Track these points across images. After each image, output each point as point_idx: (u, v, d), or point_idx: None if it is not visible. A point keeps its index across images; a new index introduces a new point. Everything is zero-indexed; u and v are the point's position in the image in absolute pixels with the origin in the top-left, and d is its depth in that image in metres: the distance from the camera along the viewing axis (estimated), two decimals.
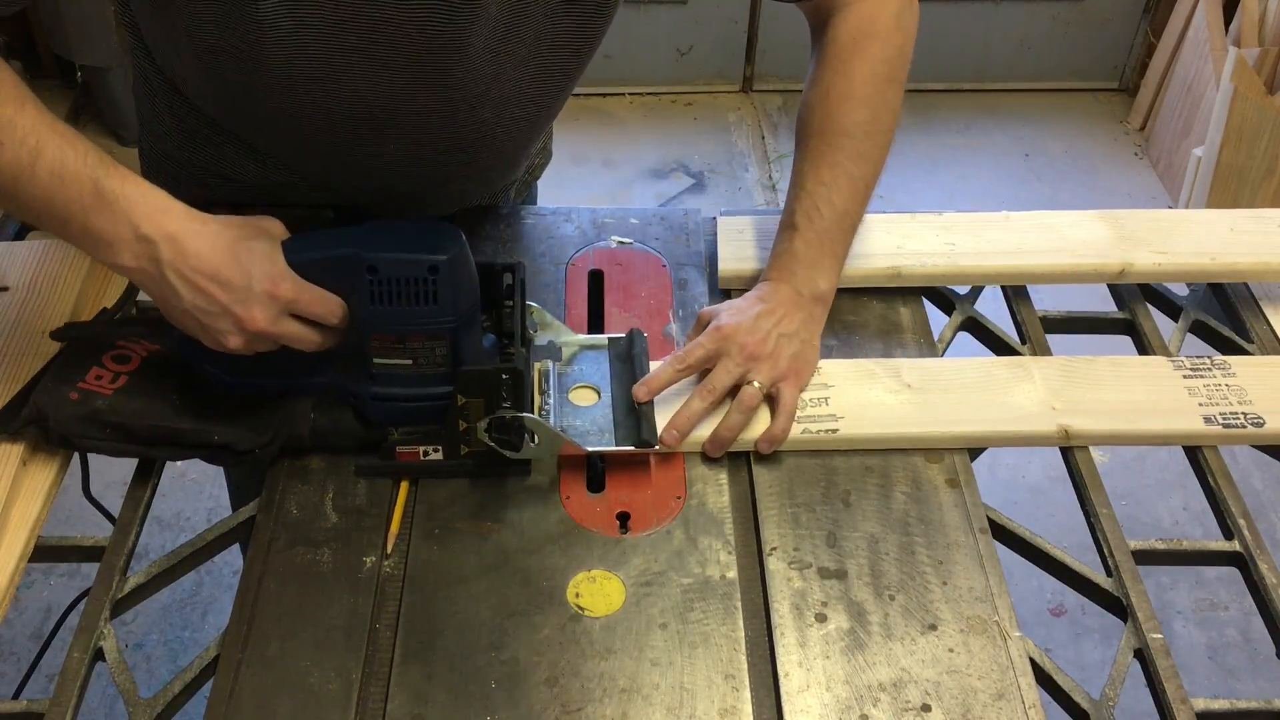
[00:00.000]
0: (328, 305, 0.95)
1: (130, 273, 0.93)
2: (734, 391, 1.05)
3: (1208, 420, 1.08)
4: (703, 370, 1.07)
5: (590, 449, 1.02)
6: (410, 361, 0.98)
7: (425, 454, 1.02)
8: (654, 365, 1.09)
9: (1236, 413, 1.09)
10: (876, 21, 1.13)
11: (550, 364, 1.10)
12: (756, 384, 1.04)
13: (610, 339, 1.13)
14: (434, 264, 0.93)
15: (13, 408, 1.02)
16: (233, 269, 0.92)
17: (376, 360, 0.98)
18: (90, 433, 1.01)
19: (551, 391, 1.07)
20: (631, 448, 1.03)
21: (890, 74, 1.13)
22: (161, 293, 0.93)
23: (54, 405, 1.00)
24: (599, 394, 1.08)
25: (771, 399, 1.06)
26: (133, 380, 1.04)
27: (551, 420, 1.04)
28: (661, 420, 1.04)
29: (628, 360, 1.09)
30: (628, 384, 1.07)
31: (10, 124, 0.89)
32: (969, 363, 1.14)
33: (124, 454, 1.02)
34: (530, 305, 1.08)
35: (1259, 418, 1.08)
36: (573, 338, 1.12)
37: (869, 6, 1.13)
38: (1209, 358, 1.15)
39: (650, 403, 1.05)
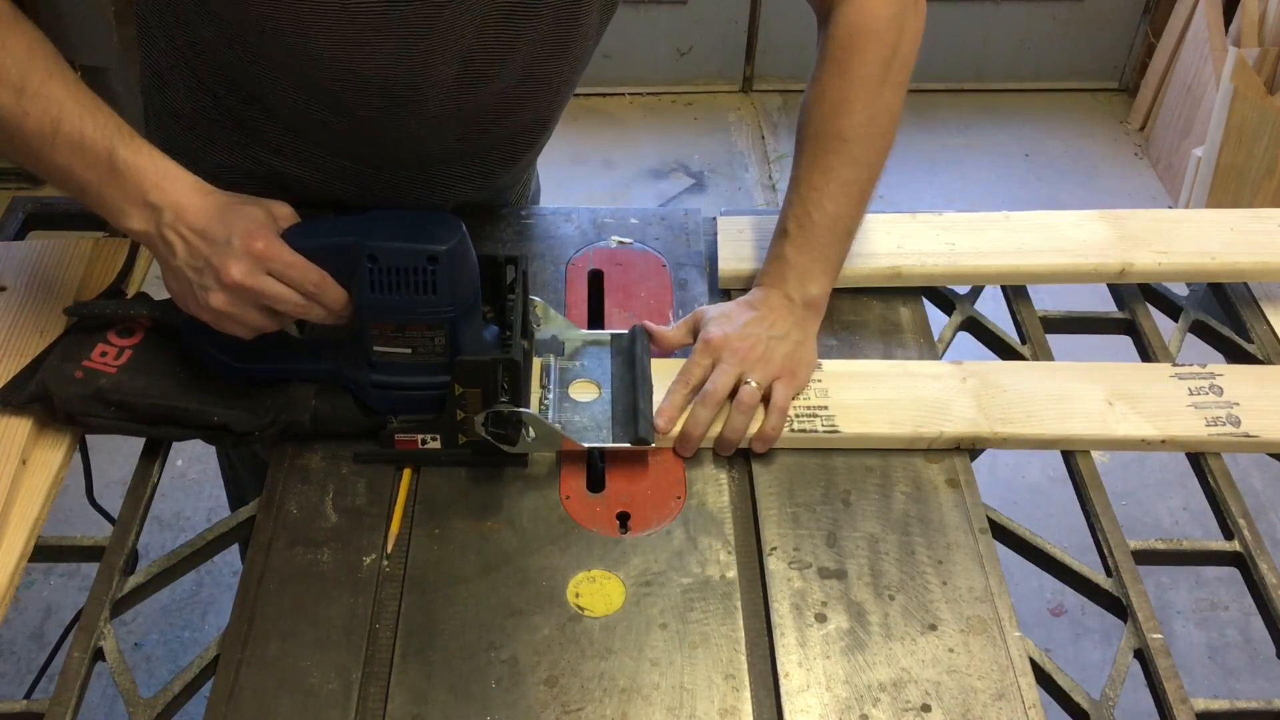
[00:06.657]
0: (305, 272, 0.95)
1: (139, 235, 0.98)
2: (733, 394, 1.06)
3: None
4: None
5: (587, 445, 1.02)
6: (409, 350, 0.99)
7: (424, 442, 1.02)
8: (656, 362, 1.10)
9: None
10: (875, 19, 1.11)
11: (552, 358, 1.10)
12: (754, 383, 1.05)
13: (613, 335, 1.13)
14: (433, 254, 0.94)
15: (19, 382, 1.03)
16: (218, 226, 0.95)
17: (376, 348, 0.99)
18: (94, 411, 1.02)
19: (552, 386, 1.07)
20: (628, 444, 1.03)
21: (886, 76, 1.12)
22: (161, 253, 0.97)
23: (59, 383, 1.01)
24: (600, 390, 1.08)
25: (766, 398, 1.06)
26: (137, 355, 1.05)
27: (550, 415, 1.04)
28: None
29: (629, 357, 1.09)
30: (628, 381, 1.07)
31: (37, 94, 0.94)
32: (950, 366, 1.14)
33: (127, 432, 1.03)
34: (534, 299, 1.09)
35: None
36: (576, 333, 1.12)
37: (868, 2, 1.12)
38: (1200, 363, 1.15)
39: (650, 401, 1.05)
